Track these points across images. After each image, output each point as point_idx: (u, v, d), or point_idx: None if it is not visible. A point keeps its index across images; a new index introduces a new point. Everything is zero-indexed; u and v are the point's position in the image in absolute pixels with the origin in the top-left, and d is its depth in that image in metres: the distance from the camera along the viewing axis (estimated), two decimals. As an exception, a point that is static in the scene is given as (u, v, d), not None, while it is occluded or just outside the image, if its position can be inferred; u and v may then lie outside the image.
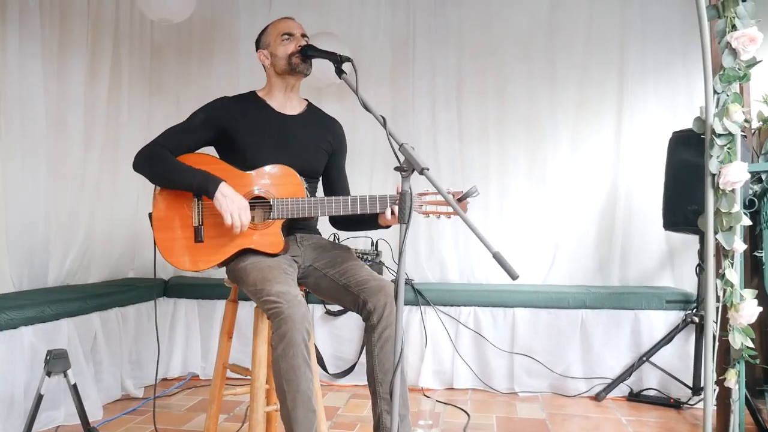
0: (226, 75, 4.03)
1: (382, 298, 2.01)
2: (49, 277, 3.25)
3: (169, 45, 4.06)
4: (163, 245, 2.10)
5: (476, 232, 1.61)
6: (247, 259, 2.08)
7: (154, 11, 3.24)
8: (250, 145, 2.16)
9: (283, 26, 2.26)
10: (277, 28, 2.27)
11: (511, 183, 3.90)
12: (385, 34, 3.99)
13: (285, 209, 2.08)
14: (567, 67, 3.86)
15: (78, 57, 3.35)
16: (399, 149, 1.77)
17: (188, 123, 2.19)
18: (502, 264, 1.58)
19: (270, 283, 1.92)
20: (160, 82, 4.05)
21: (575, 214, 3.84)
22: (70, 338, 2.76)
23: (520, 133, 3.89)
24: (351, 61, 2.00)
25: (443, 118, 3.93)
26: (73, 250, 3.40)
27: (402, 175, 1.76)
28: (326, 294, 2.20)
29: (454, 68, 3.94)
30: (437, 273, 3.92)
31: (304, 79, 2.28)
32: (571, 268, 3.83)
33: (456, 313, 3.45)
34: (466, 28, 3.94)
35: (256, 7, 4.03)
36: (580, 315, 3.37)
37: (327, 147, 2.33)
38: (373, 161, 3.93)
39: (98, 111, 3.54)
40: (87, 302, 2.94)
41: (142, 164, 2.11)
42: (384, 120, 1.85)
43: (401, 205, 1.75)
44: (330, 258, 2.20)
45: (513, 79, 3.90)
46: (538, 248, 3.85)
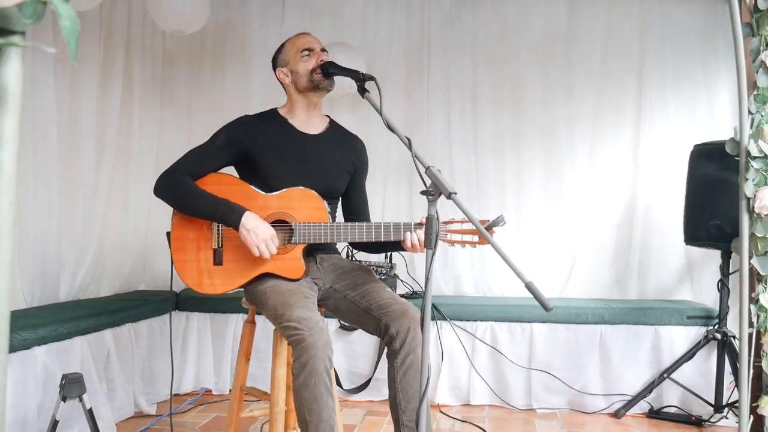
0: (239, 86, 3.98)
1: (405, 322, 1.96)
2: (60, 292, 3.21)
3: (181, 55, 4.02)
4: (181, 266, 2.06)
5: (508, 262, 1.56)
6: (266, 282, 2.03)
7: (167, 22, 3.20)
8: (272, 167, 2.12)
9: (302, 42, 2.21)
10: (295, 44, 2.22)
11: (527, 195, 3.84)
12: (399, 43, 3.93)
13: (307, 234, 2.04)
14: (584, 76, 3.80)
15: (90, 69, 3.31)
16: (425, 172, 1.72)
17: (210, 145, 2.14)
18: (535, 295, 1.52)
19: (291, 308, 1.87)
20: (171, 94, 4.00)
21: (593, 227, 3.78)
22: (83, 357, 2.72)
23: (537, 144, 3.83)
24: (374, 79, 1.96)
25: (458, 130, 3.87)
26: (85, 264, 3.36)
27: (428, 199, 1.72)
28: (347, 317, 2.16)
29: (469, 78, 3.88)
30: (452, 286, 3.87)
31: (325, 95, 2.23)
32: (589, 282, 3.78)
33: (472, 328, 3.39)
34: (481, 36, 3.88)
35: (268, 18, 3.98)
36: (599, 330, 3.32)
37: (349, 167, 2.28)
38: (386, 174, 3.87)
39: (110, 123, 3.50)
40: (100, 319, 2.90)
41: (163, 191, 2.07)
42: (409, 141, 1.80)
43: (427, 231, 1.70)
44: (350, 279, 2.16)
45: (529, 88, 3.84)
46: (555, 261, 3.80)
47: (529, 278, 1.53)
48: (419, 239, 2.01)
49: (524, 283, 1.54)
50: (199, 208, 2.03)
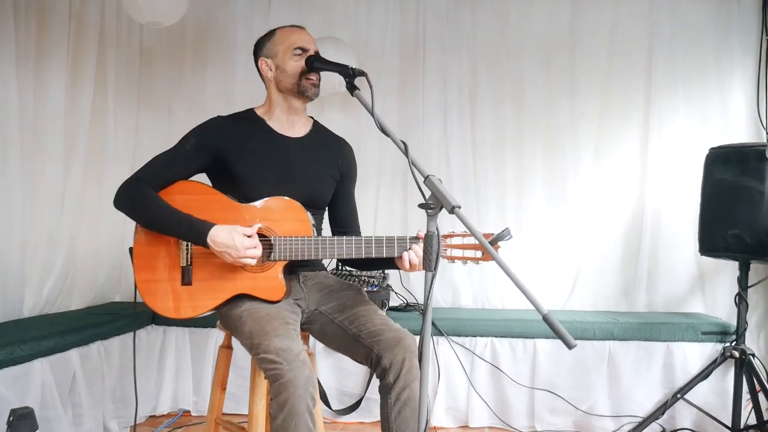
0: (222, 84, 3.74)
1: (400, 352, 1.72)
2: (25, 306, 2.96)
3: (160, 50, 3.76)
4: (144, 287, 1.81)
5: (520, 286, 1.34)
6: (242, 305, 1.79)
7: (142, 14, 2.94)
8: (249, 174, 1.88)
9: (296, 38, 1.96)
10: (289, 38, 1.96)
11: (528, 200, 3.62)
12: (393, 39, 3.70)
13: (288, 250, 1.79)
14: (589, 75, 3.58)
15: (58, 64, 3.05)
16: (424, 182, 1.49)
17: (177, 150, 1.90)
18: (555, 330, 1.30)
19: (268, 336, 1.63)
20: (149, 92, 3.74)
21: (598, 234, 3.56)
22: (44, 381, 2.46)
23: (539, 146, 3.61)
24: (365, 75, 1.72)
25: (456, 130, 3.64)
26: (53, 276, 3.11)
27: (428, 213, 1.49)
28: (333, 343, 1.91)
29: (468, 76, 3.65)
30: (449, 298, 3.64)
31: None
32: (594, 293, 3.56)
33: (471, 344, 3.16)
34: (481, 33, 3.65)
35: (254, 11, 3.74)
36: (608, 347, 3.10)
37: (335, 173, 2.04)
38: (379, 178, 3.65)
39: (81, 122, 3.24)
40: (65, 338, 2.64)
41: (124, 204, 1.83)
42: (405, 146, 1.57)
43: (427, 250, 1.47)
44: (338, 301, 1.92)
45: (531, 88, 3.62)
46: (558, 271, 3.58)
47: (546, 309, 1.32)
48: (418, 257, 1.77)
49: (542, 315, 1.32)
50: (162, 226, 1.80)
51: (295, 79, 1.93)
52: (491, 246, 1.79)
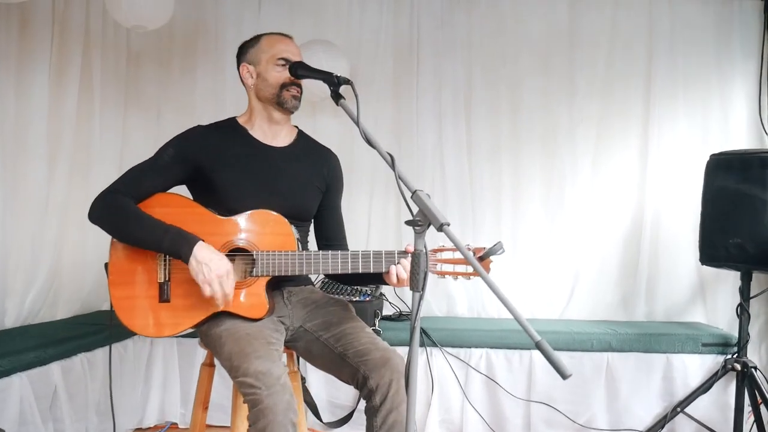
0: (211, 86, 3.65)
1: (387, 374, 1.64)
2: (6, 318, 2.87)
3: (148, 52, 3.66)
4: (120, 304, 1.73)
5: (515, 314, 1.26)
6: (222, 324, 1.71)
7: (126, 18, 2.86)
8: (230, 185, 1.80)
9: (282, 48, 1.89)
10: (273, 46, 1.89)
11: (525, 207, 3.54)
12: (387, 43, 3.61)
13: (270, 265, 1.71)
14: (588, 79, 3.51)
15: (41, 65, 2.96)
16: (411, 197, 1.40)
17: (155, 161, 1.82)
18: (549, 359, 1.22)
19: (248, 358, 1.55)
20: (137, 94, 3.65)
21: (597, 242, 3.48)
22: (23, 396, 2.37)
23: (536, 152, 3.53)
24: (350, 83, 1.64)
25: (451, 136, 3.56)
26: (36, 285, 3.01)
27: (415, 230, 1.40)
28: (319, 362, 1.83)
29: (463, 81, 3.57)
30: (444, 307, 3.56)
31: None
32: (592, 302, 3.49)
33: (466, 355, 3.08)
34: (476, 37, 3.57)
35: (244, 13, 3.64)
36: (606, 358, 3.03)
37: (321, 184, 1.96)
38: (372, 184, 3.56)
39: (65, 125, 3.15)
40: (46, 351, 2.55)
41: (100, 217, 1.75)
42: (392, 159, 1.49)
43: (414, 269, 1.39)
44: (323, 317, 1.84)
45: (528, 92, 3.54)
46: (556, 279, 3.50)
47: (539, 337, 1.24)
48: (406, 272, 1.69)
49: (535, 341, 1.24)
50: (142, 237, 1.70)
51: (276, 90, 1.86)
52: (482, 260, 1.73)
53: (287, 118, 1.95)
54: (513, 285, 3.44)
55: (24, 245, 2.96)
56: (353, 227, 3.52)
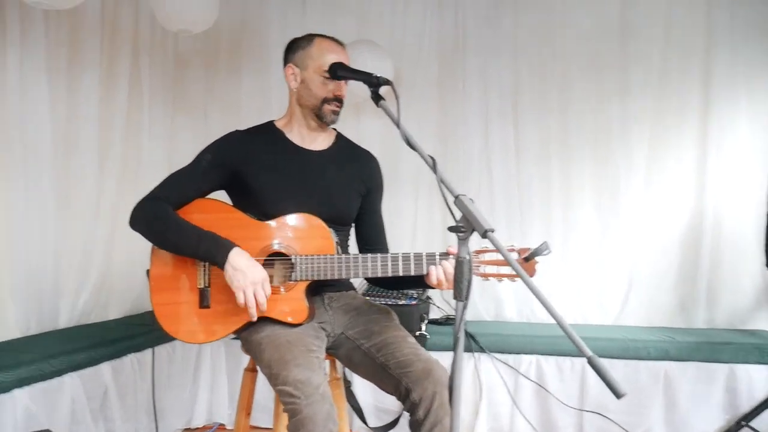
0: (257, 86, 3.68)
1: (430, 386, 1.59)
2: (60, 318, 2.94)
3: (195, 55, 3.72)
4: (161, 310, 1.74)
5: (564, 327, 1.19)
6: (262, 330, 1.69)
7: (172, 22, 2.90)
8: (268, 190, 1.78)
9: (331, 58, 1.82)
10: (324, 55, 1.83)
11: (576, 210, 3.42)
12: (431, 44, 3.56)
13: (309, 269, 1.69)
14: (642, 76, 3.36)
15: (90, 72, 3.03)
16: (454, 203, 1.35)
17: (193, 167, 1.82)
18: (602, 377, 1.15)
19: (287, 366, 1.52)
20: (184, 96, 3.71)
21: (652, 246, 3.33)
22: (74, 397, 2.42)
23: (587, 153, 3.41)
24: (391, 84, 1.59)
25: (497, 139, 3.48)
26: (88, 287, 3.09)
27: (458, 237, 1.34)
28: (360, 371, 1.80)
29: (510, 81, 3.48)
30: (492, 310, 3.48)
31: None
32: (648, 308, 3.34)
33: (515, 361, 2.99)
34: (523, 34, 3.48)
35: (288, 14, 3.66)
36: (663, 368, 2.88)
37: (360, 188, 1.92)
38: (417, 186, 3.52)
39: (115, 130, 3.22)
40: (97, 351, 2.60)
41: (139, 223, 1.76)
42: (434, 162, 1.43)
43: (457, 277, 1.33)
44: (365, 325, 1.79)
45: (578, 90, 3.42)
46: (609, 284, 3.37)
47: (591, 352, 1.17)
48: (446, 275, 1.64)
49: (587, 358, 1.17)
50: (179, 244, 1.71)
51: (317, 102, 1.83)
52: (527, 261, 1.66)
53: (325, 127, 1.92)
54: (564, 289, 3.34)
55: (76, 248, 3.03)
56: (398, 231, 3.52)
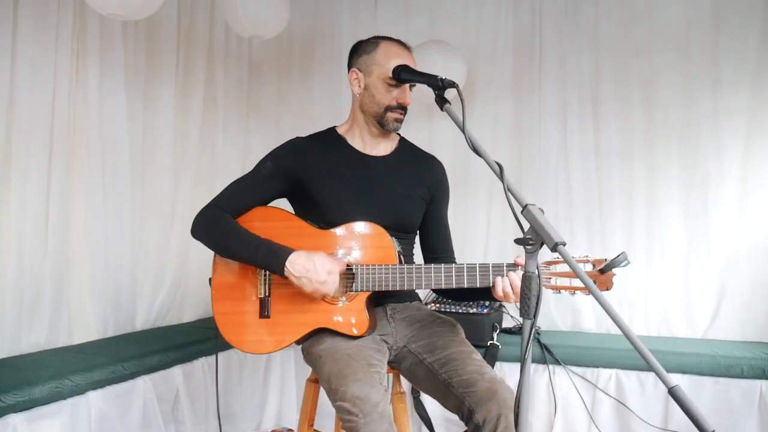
0: (329, 90, 3.68)
1: (495, 408, 1.49)
2: (137, 320, 3.03)
3: (268, 62, 3.76)
4: (222, 319, 1.72)
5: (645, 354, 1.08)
6: (323, 342, 1.64)
7: (244, 28, 2.92)
8: (329, 197, 1.73)
9: (397, 62, 1.74)
10: (389, 60, 1.76)
11: (661, 212, 3.19)
12: (506, 39, 3.43)
13: (370, 280, 1.63)
14: (736, 66, 3.09)
15: (167, 80, 3.10)
16: (522, 213, 1.25)
17: (254, 175, 1.80)
18: (686, 410, 1.02)
19: (346, 381, 1.47)
20: (258, 103, 3.75)
21: (746, 252, 3.06)
22: (146, 399, 2.47)
23: (674, 151, 3.17)
24: (456, 86, 1.51)
25: (576, 137, 3.30)
26: (163, 291, 3.17)
27: (526, 250, 1.24)
28: (424, 386, 1.72)
29: (590, 76, 3.30)
30: (569, 320, 3.31)
31: None
32: (742, 321, 3.06)
33: (593, 375, 2.82)
34: (604, 27, 3.29)
35: (359, 16, 3.63)
36: (759, 387, 2.63)
37: (424, 194, 1.84)
38: (491, 192, 3.40)
39: (190, 137, 3.29)
40: (168, 355, 2.65)
41: (200, 232, 1.75)
42: (501, 169, 1.34)
43: (524, 293, 1.24)
44: (429, 339, 1.72)
45: (664, 84, 3.19)
46: (698, 294, 3.12)
47: (675, 382, 1.05)
48: (513, 287, 1.53)
49: (668, 389, 1.05)
50: (238, 252, 1.69)
51: (380, 109, 1.77)
52: (603, 273, 1.53)
53: (387, 135, 1.86)
54: (649, 299, 3.14)
55: (152, 252, 3.11)
56: (470, 240, 3.42)
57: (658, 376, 1.06)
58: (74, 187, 2.69)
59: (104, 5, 2.17)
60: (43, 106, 2.51)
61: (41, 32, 2.47)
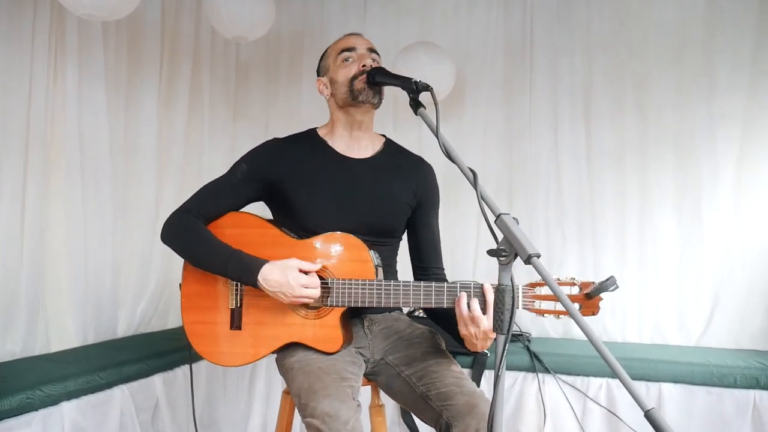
0: (316, 96, 3.57)
1: (473, 422, 1.44)
2: (119, 327, 2.96)
3: (256, 63, 3.70)
4: (191, 329, 1.67)
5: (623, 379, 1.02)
6: (294, 354, 1.59)
7: (227, 29, 2.87)
8: (306, 203, 1.67)
9: (342, 43, 1.76)
10: (336, 47, 1.77)
11: (654, 219, 3.14)
12: (497, 42, 3.37)
13: (345, 295, 1.56)
14: (730, 70, 3.05)
15: (149, 81, 3.03)
16: (495, 222, 1.19)
17: (228, 179, 1.75)
18: (659, 431, 0.97)
19: (316, 396, 1.41)
20: (245, 105, 3.70)
21: (741, 260, 3.01)
22: (123, 409, 2.41)
23: (668, 157, 3.12)
24: (430, 89, 1.45)
25: (568, 141, 3.25)
26: (146, 297, 3.10)
27: (500, 261, 1.19)
28: (400, 399, 1.66)
29: (581, 79, 3.25)
30: (560, 327, 3.25)
31: (374, 111, 1.74)
32: (736, 329, 3.02)
33: (583, 384, 2.76)
34: (597, 28, 3.24)
35: (348, 18, 3.57)
36: (752, 397, 2.58)
37: (410, 199, 1.77)
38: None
39: (174, 140, 3.22)
40: (148, 363, 2.59)
41: (170, 238, 1.70)
42: (474, 176, 1.29)
43: (498, 308, 1.18)
44: (406, 350, 1.66)
45: (657, 88, 3.14)
46: (691, 302, 3.08)
47: (652, 405, 0.99)
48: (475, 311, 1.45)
49: (644, 411, 0.99)
50: (208, 263, 1.63)
51: (347, 86, 1.70)
52: (590, 298, 1.47)
53: (370, 119, 1.79)
54: (641, 306, 3.10)
55: (134, 257, 3.05)
56: (459, 251, 3.35)
57: (634, 399, 0.99)
58: (52, 191, 2.62)
59: (77, 6, 2.11)
60: (18, 107, 2.44)
61: (16, 31, 2.41)
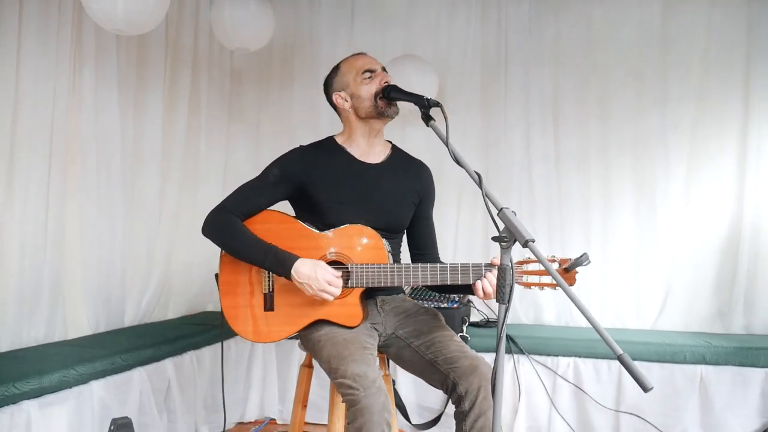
0: (308, 99, 3.86)
1: (476, 380, 1.73)
2: (125, 317, 3.17)
3: (249, 71, 3.93)
4: (229, 312, 1.92)
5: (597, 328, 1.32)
6: (321, 329, 1.86)
7: (231, 40, 3.10)
8: (329, 201, 1.94)
9: (362, 63, 2.01)
10: (354, 66, 2.02)
11: (615, 217, 3.50)
12: (474, 53, 3.69)
13: (364, 277, 1.84)
14: (682, 84, 3.42)
15: (154, 89, 3.26)
16: (498, 215, 1.49)
17: (261, 180, 1.99)
18: (631, 372, 1.28)
19: (345, 361, 1.68)
20: (239, 110, 3.93)
21: (690, 252, 3.39)
22: (142, 390, 2.63)
23: (626, 161, 3.49)
24: (440, 105, 1.74)
25: (539, 146, 3.59)
26: (151, 288, 3.32)
27: (501, 246, 1.49)
28: (410, 367, 1.95)
29: (551, 89, 3.59)
30: (531, 314, 3.58)
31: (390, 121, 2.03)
32: (686, 314, 3.40)
33: (553, 363, 3.09)
34: (564, 44, 3.58)
35: (337, 30, 3.83)
36: (699, 371, 2.95)
37: (414, 198, 2.07)
38: (460, 195, 3.66)
39: (176, 143, 3.45)
40: (161, 348, 2.81)
41: (212, 232, 1.93)
42: (480, 178, 1.57)
43: (500, 282, 1.48)
44: (414, 326, 1.95)
45: (618, 99, 3.50)
46: (647, 289, 3.44)
47: (622, 350, 1.30)
48: (491, 285, 1.77)
49: (616, 355, 1.30)
50: (246, 255, 1.89)
51: (371, 101, 1.96)
52: (568, 272, 1.78)
53: (382, 129, 2.06)
54: (603, 295, 3.43)
55: (140, 252, 3.26)
56: (440, 239, 3.63)
57: (609, 345, 1.29)
58: (69, 189, 2.83)
59: (110, 23, 2.32)
60: (44, 116, 2.65)
61: (43, 45, 2.61)
